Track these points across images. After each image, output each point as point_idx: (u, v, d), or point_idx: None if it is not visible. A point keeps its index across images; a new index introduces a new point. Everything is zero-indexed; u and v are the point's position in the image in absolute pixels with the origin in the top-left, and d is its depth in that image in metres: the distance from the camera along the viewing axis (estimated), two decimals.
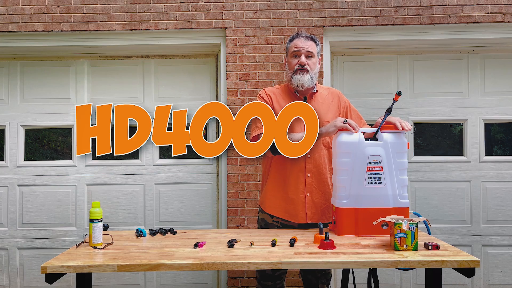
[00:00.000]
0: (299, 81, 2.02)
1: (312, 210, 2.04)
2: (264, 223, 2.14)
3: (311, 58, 2.06)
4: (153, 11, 2.94)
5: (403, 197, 1.85)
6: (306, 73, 2.02)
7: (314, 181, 2.04)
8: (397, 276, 3.06)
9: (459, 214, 3.06)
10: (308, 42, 2.06)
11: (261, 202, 2.16)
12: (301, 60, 2.03)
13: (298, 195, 2.03)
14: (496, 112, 3.08)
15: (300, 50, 2.04)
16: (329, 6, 2.91)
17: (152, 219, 3.13)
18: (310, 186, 2.03)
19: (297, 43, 2.06)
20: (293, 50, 2.06)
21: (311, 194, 2.03)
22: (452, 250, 1.56)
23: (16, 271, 3.11)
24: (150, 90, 3.17)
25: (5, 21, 2.94)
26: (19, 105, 3.17)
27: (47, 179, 3.13)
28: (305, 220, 2.03)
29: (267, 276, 2.07)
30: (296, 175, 2.03)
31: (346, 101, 2.18)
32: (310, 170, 2.03)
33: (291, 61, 2.07)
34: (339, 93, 2.21)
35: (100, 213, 1.71)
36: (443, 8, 2.89)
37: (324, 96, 2.15)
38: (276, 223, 2.09)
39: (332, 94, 2.17)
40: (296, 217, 2.04)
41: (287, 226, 2.07)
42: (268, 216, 2.11)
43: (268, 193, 2.11)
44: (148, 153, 3.15)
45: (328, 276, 2.14)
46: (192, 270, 1.44)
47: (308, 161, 2.03)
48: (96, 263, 1.44)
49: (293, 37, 2.10)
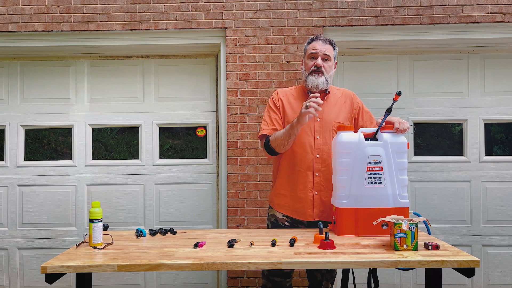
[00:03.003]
0: (314, 82, 2.06)
1: (321, 208, 2.05)
2: (274, 219, 2.16)
3: (328, 61, 2.09)
4: (153, 11, 2.94)
5: (403, 197, 1.85)
6: (322, 75, 2.06)
7: (322, 180, 2.06)
8: (397, 276, 3.06)
9: (459, 214, 3.06)
10: (326, 46, 2.09)
11: (270, 200, 2.20)
12: (317, 62, 2.06)
13: (306, 194, 2.06)
14: (496, 112, 3.08)
15: (317, 52, 2.07)
16: (329, 6, 2.91)
17: (152, 219, 3.13)
18: (319, 185, 2.05)
19: (315, 46, 2.09)
20: (311, 52, 2.10)
21: (319, 192, 2.06)
22: (452, 250, 1.55)
23: (16, 271, 3.11)
24: (150, 90, 3.17)
25: (5, 21, 2.94)
26: (19, 105, 3.17)
27: (47, 179, 3.13)
28: (312, 218, 2.05)
29: (276, 272, 2.08)
30: (304, 174, 2.06)
31: (359, 103, 2.20)
32: (319, 170, 2.06)
33: (308, 62, 2.10)
34: (353, 94, 2.22)
35: (100, 213, 1.71)
36: (443, 8, 2.89)
37: (337, 97, 2.17)
38: (286, 218, 2.12)
39: (345, 96, 2.20)
40: (305, 214, 2.06)
41: (297, 222, 2.09)
42: (278, 213, 2.14)
43: (277, 191, 2.14)
44: (148, 153, 3.15)
45: (333, 273, 2.16)
46: (192, 270, 1.44)
47: (317, 161, 2.05)
48: (96, 263, 1.44)
49: (312, 39, 2.14)
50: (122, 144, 3.21)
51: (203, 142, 3.19)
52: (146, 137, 3.16)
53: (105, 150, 3.21)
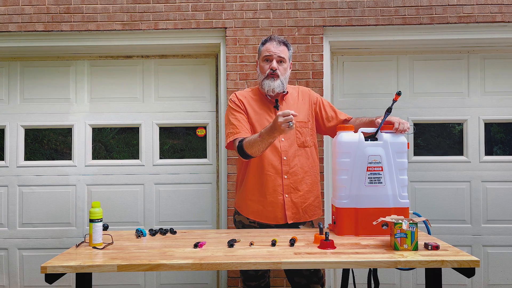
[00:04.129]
0: (270, 86, 2.05)
1: (293, 210, 2.04)
2: (242, 225, 2.14)
3: (283, 63, 2.08)
4: (153, 11, 2.94)
5: (403, 197, 1.85)
6: (277, 78, 2.05)
7: (291, 182, 2.04)
8: (397, 276, 3.06)
9: (459, 214, 3.06)
10: (280, 47, 2.08)
11: (238, 205, 2.16)
12: (272, 65, 2.04)
13: (276, 197, 2.03)
14: (496, 112, 3.08)
15: (272, 55, 2.06)
16: (329, 6, 2.91)
17: (152, 219, 3.13)
18: (288, 188, 2.04)
19: (269, 48, 2.07)
20: (265, 55, 2.08)
21: (290, 195, 2.04)
22: (452, 250, 1.55)
23: (16, 271, 3.11)
24: (150, 90, 3.17)
25: (5, 21, 2.94)
26: (19, 105, 3.17)
27: (47, 179, 3.13)
28: (284, 221, 2.04)
29: (251, 277, 2.09)
30: (273, 178, 2.03)
31: (317, 97, 2.20)
32: (287, 172, 2.04)
33: (263, 65, 2.09)
34: (309, 90, 2.23)
35: (100, 213, 1.71)
36: (443, 8, 2.89)
37: (295, 96, 2.17)
38: (253, 224, 2.10)
39: (302, 93, 2.20)
40: (275, 218, 2.04)
41: (265, 226, 2.07)
42: (245, 218, 2.12)
43: (245, 196, 2.10)
44: (148, 153, 3.15)
45: (319, 274, 2.07)
46: (192, 270, 1.44)
47: (284, 163, 2.04)
48: (96, 263, 1.44)
49: (266, 41, 2.12)
50: (122, 144, 3.21)
51: (203, 142, 3.19)
52: (146, 137, 3.16)
53: (105, 150, 3.21)
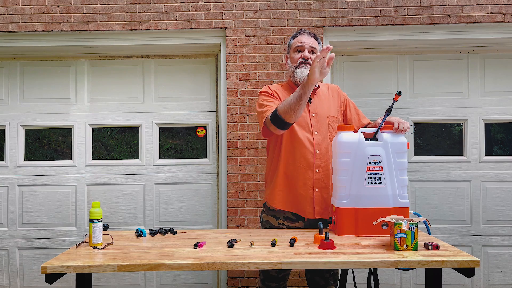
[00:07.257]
0: (302, 74, 2.02)
1: (322, 205, 2.02)
2: (269, 226, 2.09)
3: (314, 54, 2.07)
4: (153, 11, 2.94)
5: (403, 197, 1.85)
6: (309, 66, 2.02)
7: (322, 176, 2.02)
8: (397, 276, 3.06)
9: (459, 214, 3.06)
10: (311, 39, 2.09)
11: (270, 199, 2.08)
12: (304, 54, 2.04)
13: (306, 191, 2.01)
14: (496, 112, 3.08)
15: (304, 45, 2.06)
16: (329, 6, 2.91)
17: (152, 219, 3.13)
18: (319, 182, 2.01)
19: (301, 39, 2.08)
20: (297, 45, 2.08)
21: (320, 189, 2.02)
22: (452, 250, 1.55)
23: (16, 271, 3.10)
24: (150, 90, 3.17)
25: (5, 21, 2.94)
26: (19, 105, 3.17)
27: (47, 179, 3.13)
28: (313, 215, 2.01)
29: (272, 278, 2.05)
30: (304, 171, 2.01)
31: (345, 96, 2.21)
32: (319, 166, 2.01)
33: (294, 56, 2.08)
34: (338, 87, 2.22)
35: (100, 213, 1.71)
36: (443, 8, 2.89)
37: (325, 92, 2.17)
38: (281, 226, 2.05)
39: (331, 90, 2.19)
40: (304, 212, 2.01)
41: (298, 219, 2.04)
42: (274, 219, 2.07)
43: (277, 188, 2.05)
44: (148, 153, 3.15)
45: (336, 276, 2.09)
46: (192, 270, 1.44)
47: (317, 157, 2.01)
48: (96, 263, 1.44)
49: (297, 34, 2.13)
50: (122, 144, 3.21)
51: (203, 142, 3.19)
52: (146, 137, 3.16)
53: (105, 150, 3.21)
